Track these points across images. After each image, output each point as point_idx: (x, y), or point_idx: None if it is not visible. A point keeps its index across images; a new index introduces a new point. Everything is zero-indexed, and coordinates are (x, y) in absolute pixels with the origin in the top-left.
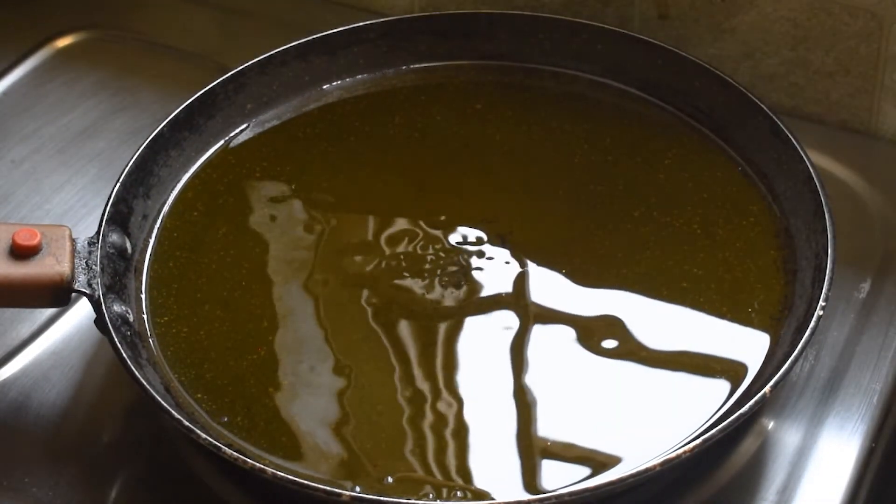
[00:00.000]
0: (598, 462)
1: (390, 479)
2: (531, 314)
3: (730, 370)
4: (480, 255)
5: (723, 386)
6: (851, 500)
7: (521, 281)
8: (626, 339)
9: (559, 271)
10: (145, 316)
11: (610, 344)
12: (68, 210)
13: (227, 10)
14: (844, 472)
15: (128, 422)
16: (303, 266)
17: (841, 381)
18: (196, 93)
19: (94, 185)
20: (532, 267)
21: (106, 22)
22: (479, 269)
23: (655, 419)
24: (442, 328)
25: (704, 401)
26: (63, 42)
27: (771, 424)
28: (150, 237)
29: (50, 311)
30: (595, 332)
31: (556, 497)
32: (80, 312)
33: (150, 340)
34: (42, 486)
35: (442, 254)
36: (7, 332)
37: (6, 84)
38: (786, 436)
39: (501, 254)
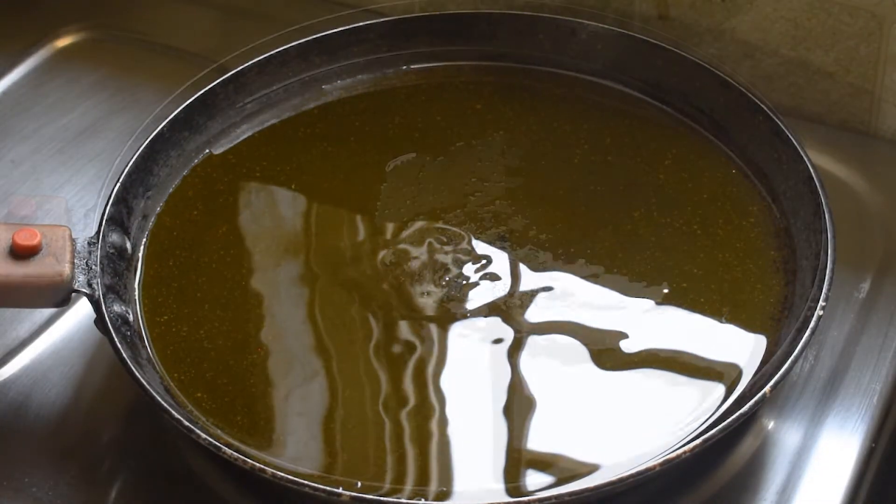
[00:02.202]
0: (598, 464)
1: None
2: (529, 316)
3: (730, 370)
4: (479, 255)
5: (722, 386)
6: (851, 500)
7: (521, 282)
8: (625, 339)
9: (559, 272)
10: (145, 316)
11: (609, 344)
12: (68, 210)
13: (227, 10)
14: (844, 472)
15: (128, 422)
16: (302, 266)
17: (841, 381)
18: (196, 93)
19: (94, 185)
20: (531, 268)
21: (106, 22)
22: (478, 270)
23: (655, 420)
24: (441, 329)
25: (704, 401)
26: (63, 42)
27: (771, 424)
28: (150, 237)
29: (50, 311)
30: (594, 333)
31: (556, 497)
32: (80, 312)
33: (150, 340)
34: (42, 486)
35: (441, 255)
36: (7, 332)
37: (6, 84)
38: (786, 436)
39: (500, 254)
